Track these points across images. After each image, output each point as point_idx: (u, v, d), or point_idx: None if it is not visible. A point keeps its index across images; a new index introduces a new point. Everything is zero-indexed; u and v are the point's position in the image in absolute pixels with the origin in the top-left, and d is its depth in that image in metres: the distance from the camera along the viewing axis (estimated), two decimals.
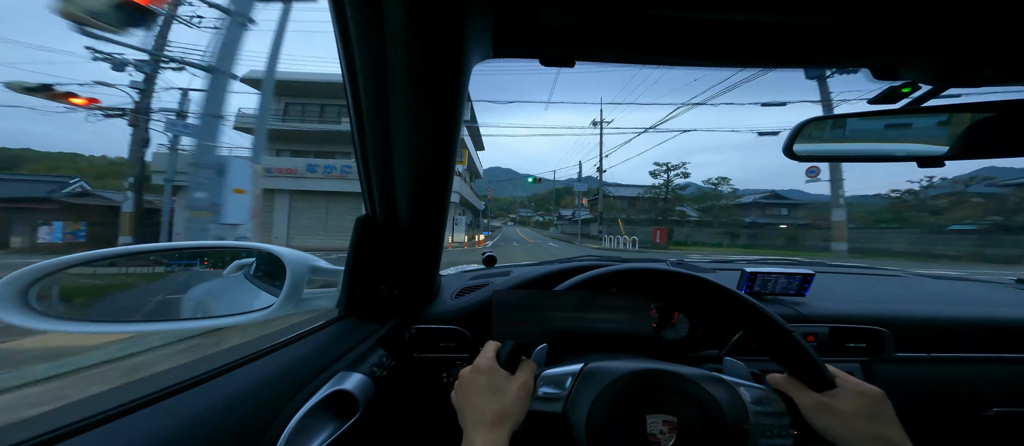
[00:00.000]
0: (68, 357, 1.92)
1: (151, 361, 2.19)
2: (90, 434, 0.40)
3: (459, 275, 1.17)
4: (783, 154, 0.66)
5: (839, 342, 0.91)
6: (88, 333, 0.61)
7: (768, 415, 0.51)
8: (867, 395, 0.47)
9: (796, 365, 0.52)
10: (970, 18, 0.41)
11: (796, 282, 1.00)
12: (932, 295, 1.14)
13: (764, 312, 0.54)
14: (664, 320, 0.98)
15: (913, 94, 0.54)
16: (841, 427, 0.45)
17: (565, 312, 0.52)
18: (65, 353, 1.94)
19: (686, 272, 0.60)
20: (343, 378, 0.61)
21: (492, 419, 0.47)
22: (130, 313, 0.78)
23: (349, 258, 0.76)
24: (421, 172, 0.64)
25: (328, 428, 0.57)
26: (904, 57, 0.50)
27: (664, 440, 0.49)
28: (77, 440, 0.39)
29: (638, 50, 0.50)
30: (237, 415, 0.47)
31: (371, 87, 0.51)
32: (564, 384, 0.53)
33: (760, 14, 0.41)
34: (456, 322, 0.91)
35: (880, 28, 0.45)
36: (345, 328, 0.76)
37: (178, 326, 0.73)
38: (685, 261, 1.29)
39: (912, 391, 0.88)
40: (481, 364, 0.52)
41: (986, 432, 0.87)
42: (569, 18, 0.42)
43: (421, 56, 0.46)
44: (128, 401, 0.44)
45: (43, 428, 0.38)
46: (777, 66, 0.53)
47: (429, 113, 0.54)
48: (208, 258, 0.97)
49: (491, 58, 0.53)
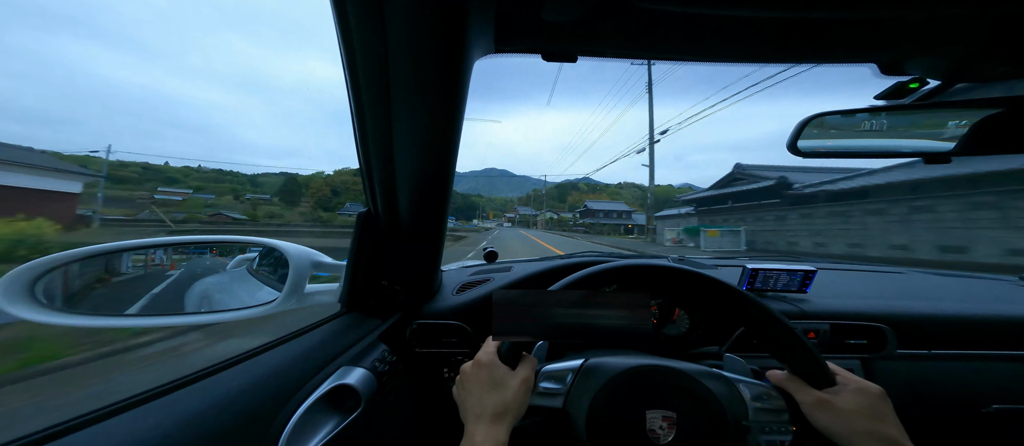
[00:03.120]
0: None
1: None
2: (94, 429, 0.40)
3: (460, 271, 1.18)
4: (787, 151, 0.66)
5: (840, 339, 0.91)
6: (92, 327, 0.61)
7: (767, 412, 0.51)
8: (867, 393, 0.47)
9: (797, 362, 0.52)
10: (980, 13, 0.40)
11: (798, 278, 1.00)
12: (934, 292, 1.14)
13: (765, 308, 0.54)
14: (665, 316, 0.98)
15: (920, 90, 0.53)
16: (841, 425, 0.45)
17: (566, 309, 0.52)
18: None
19: (687, 268, 0.60)
20: (345, 373, 0.62)
21: (493, 414, 0.47)
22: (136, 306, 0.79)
23: (351, 254, 0.76)
24: (423, 168, 0.64)
25: (331, 422, 0.57)
26: (912, 53, 0.49)
27: (663, 435, 0.49)
28: (80, 435, 0.39)
29: (641, 46, 0.50)
30: (241, 409, 0.48)
31: (372, 82, 0.51)
32: (565, 379, 0.54)
33: (765, 9, 0.40)
34: (457, 318, 0.91)
35: (888, 23, 0.44)
36: (347, 323, 0.77)
37: (182, 320, 0.74)
38: (686, 257, 1.29)
39: (913, 388, 0.88)
40: (482, 359, 0.53)
41: (986, 429, 0.87)
42: (571, 14, 0.42)
43: (423, 51, 0.45)
44: (131, 396, 0.45)
45: (46, 423, 0.39)
46: (782, 61, 0.53)
47: (431, 109, 0.54)
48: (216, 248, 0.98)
49: (493, 53, 0.52)
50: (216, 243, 0.98)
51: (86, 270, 0.71)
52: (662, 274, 0.61)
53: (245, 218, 54.32)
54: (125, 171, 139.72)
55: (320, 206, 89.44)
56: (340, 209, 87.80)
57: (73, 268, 0.66)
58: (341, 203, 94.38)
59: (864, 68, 0.54)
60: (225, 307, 0.79)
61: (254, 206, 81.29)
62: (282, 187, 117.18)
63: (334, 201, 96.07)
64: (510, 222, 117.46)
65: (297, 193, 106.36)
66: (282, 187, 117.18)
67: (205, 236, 1.19)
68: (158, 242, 0.82)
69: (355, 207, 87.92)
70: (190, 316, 0.80)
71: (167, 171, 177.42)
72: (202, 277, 0.87)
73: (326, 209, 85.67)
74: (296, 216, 68.54)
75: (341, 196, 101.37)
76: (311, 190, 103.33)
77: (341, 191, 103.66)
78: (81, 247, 0.63)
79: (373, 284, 0.81)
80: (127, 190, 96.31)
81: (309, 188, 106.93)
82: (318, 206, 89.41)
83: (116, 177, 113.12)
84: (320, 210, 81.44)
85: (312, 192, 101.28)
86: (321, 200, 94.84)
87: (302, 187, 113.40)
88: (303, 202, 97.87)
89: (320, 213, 73.02)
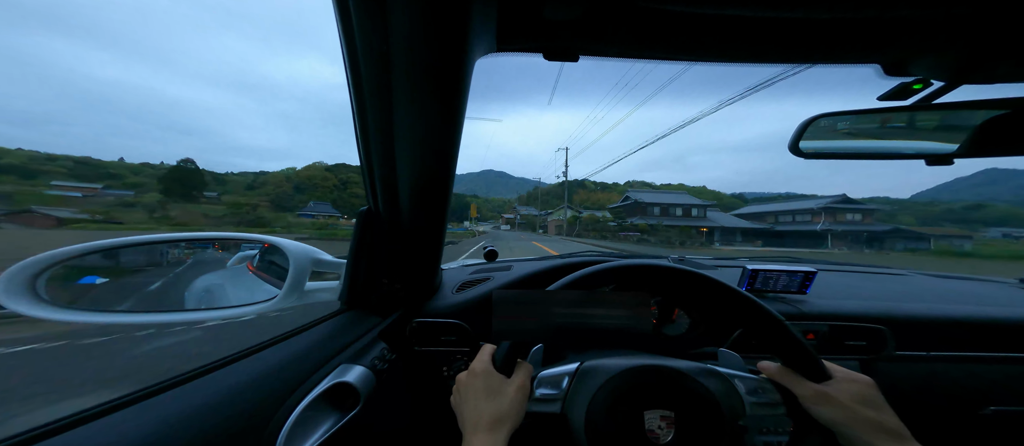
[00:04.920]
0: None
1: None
2: (91, 426, 0.40)
3: (460, 269, 1.18)
4: (789, 151, 0.65)
5: (839, 340, 0.91)
6: (94, 323, 0.61)
7: (764, 406, 0.51)
8: (858, 382, 0.49)
9: (793, 360, 0.52)
10: (986, 13, 0.40)
11: (798, 279, 0.99)
12: (933, 294, 1.13)
13: (762, 308, 0.54)
14: (664, 316, 0.98)
15: (925, 91, 0.53)
16: (845, 415, 0.46)
17: (566, 308, 0.52)
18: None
19: (686, 268, 0.60)
20: (345, 371, 0.62)
21: (489, 422, 0.47)
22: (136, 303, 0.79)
23: (351, 251, 0.76)
24: (424, 166, 0.64)
25: (330, 420, 0.57)
26: (917, 53, 0.49)
27: (662, 435, 0.49)
28: (77, 432, 0.39)
29: (644, 45, 0.49)
30: (239, 407, 0.48)
31: (374, 80, 0.51)
32: (561, 384, 0.54)
33: (768, 9, 0.40)
34: (457, 316, 0.91)
35: (893, 23, 0.44)
36: (347, 321, 0.77)
37: (183, 317, 0.74)
38: (686, 257, 1.29)
39: (911, 389, 0.88)
40: (477, 368, 0.53)
41: (984, 430, 0.87)
42: (573, 13, 0.41)
43: (424, 49, 0.45)
44: (130, 393, 0.45)
45: (42, 421, 0.39)
46: (786, 61, 0.52)
47: (432, 107, 0.54)
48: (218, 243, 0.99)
49: (494, 52, 0.52)
50: (218, 240, 0.98)
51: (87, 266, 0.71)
52: (661, 274, 0.61)
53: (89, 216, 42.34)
54: (10, 158, 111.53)
55: (277, 205, 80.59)
56: (301, 209, 78.29)
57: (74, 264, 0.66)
58: (304, 201, 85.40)
59: (867, 68, 0.54)
60: (225, 304, 0.80)
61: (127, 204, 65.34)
62: (169, 175, 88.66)
63: (295, 199, 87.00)
64: (509, 224, 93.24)
65: (194, 185, 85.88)
66: (169, 175, 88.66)
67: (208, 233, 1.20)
68: (160, 238, 0.82)
69: (320, 207, 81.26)
70: (190, 312, 0.80)
71: (111, 167, 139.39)
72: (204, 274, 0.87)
73: (283, 208, 76.45)
74: (197, 217, 56.56)
75: (305, 193, 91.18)
76: (270, 186, 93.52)
77: (305, 188, 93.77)
78: (82, 243, 0.63)
79: (373, 282, 0.81)
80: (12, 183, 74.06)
81: (268, 184, 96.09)
82: (276, 205, 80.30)
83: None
84: (275, 210, 71.85)
85: (272, 187, 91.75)
86: (278, 198, 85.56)
87: (260, 183, 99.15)
88: (258, 198, 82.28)
89: (262, 212, 60.80)
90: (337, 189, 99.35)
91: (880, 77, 0.53)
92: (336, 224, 53.74)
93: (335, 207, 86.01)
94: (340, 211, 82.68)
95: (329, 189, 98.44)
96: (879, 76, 0.53)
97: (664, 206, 42.02)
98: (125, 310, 0.73)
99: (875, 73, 0.53)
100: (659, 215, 41.18)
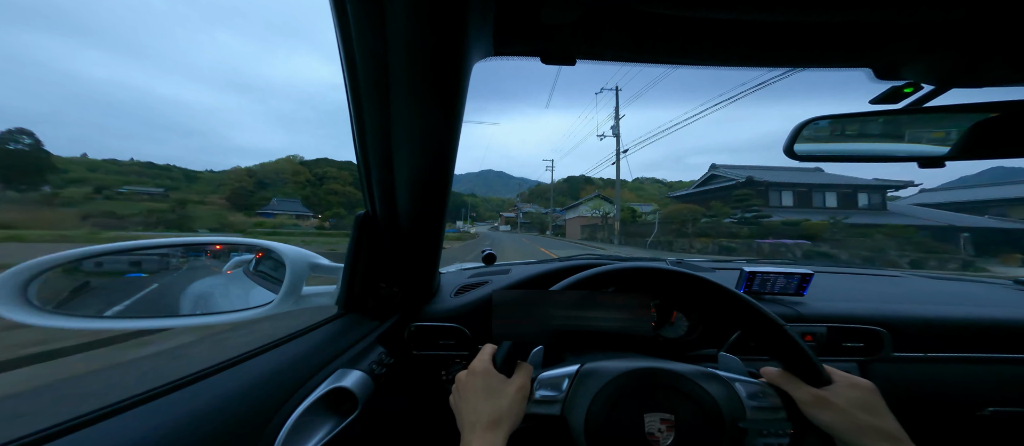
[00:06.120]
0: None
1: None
2: (88, 431, 0.40)
3: (459, 273, 1.18)
4: (784, 154, 0.66)
5: (837, 341, 0.92)
6: (87, 329, 0.61)
7: (764, 410, 0.51)
8: (859, 387, 0.48)
9: (793, 363, 0.52)
10: (975, 18, 0.40)
11: (795, 282, 1.00)
12: (930, 295, 1.14)
13: (760, 311, 0.55)
14: (663, 319, 0.98)
15: (915, 94, 0.54)
16: (844, 421, 0.46)
17: (565, 311, 0.52)
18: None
19: (684, 271, 0.60)
20: (342, 375, 0.62)
21: (488, 422, 0.47)
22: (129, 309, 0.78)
23: (349, 255, 0.76)
24: (421, 169, 0.64)
25: (327, 425, 0.57)
26: (908, 57, 0.50)
27: (662, 438, 0.49)
28: (75, 436, 0.39)
29: (640, 48, 0.50)
30: (235, 412, 0.48)
31: (371, 83, 0.51)
32: (561, 386, 0.54)
33: (762, 13, 0.41)
34: (455, 320, 0.91)
35: (884, 27, 0.45)
36: (344, 325, 0.76)
37: (178, 322, 0.73)
38: (684, 260, 1.29)
39: (909, 391, 0.89)
40: (477, 367, 0.53)
41: (981, 432, 0.87)
42: (570, 16, 0.42)
43: (422, 53, 0.45)
44: (125, 399, 0.44)
45: (39, 425, 0.38)
46: (779, 65, 0.53)
47: (430, 110, 0.54)
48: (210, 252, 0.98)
49: (492, 56, 0.52)
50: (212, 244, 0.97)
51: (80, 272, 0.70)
52: (659, 277, 0.61)
53: None
54: None
55: (234, 203, 67.40)
56: (263, 206, 65.98)
57: (67, 270, 0.65)
58: (266, 199, 71.39)
59: (859, 72, 0.54)
60: (222, 309, 0.79)
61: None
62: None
63: (256, 196, 72.41)
64: (509, 225, 78.90)
65: (36, 171, 62.51)
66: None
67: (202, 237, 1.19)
68: (152, 244, 0.81)
69: (286, 204, 70.24)
70: (186, 318, 0.79)
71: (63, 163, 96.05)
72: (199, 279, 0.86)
73: (240, 207, 64.70)
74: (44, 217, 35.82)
75: (268, 189, 77.02)
76: (231, 180, 77.48)
77: (270, 184, 79.69)
78: (74, 249, 0.63)
79: (371, 286, 0.81)
80: None
81: (228, 179, 79.02)
82: (232, 203, 67.56)
83: None
84: (233, 209, 61.42)
85: (231, 182, 76.60)
86: (235, 194, 71.19)
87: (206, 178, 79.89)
88: (212, 197, 68.70)
89: (193, 209, 49.80)
90: (310, 185, 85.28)
91: (872, 81, 0.54)
92: (296, 225, 46.61)
93: (306, 205, 75.25)
94: (313, 210, 73.06)
95: (300, 185, 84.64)
96: (871, 80, 0.54)
97: (803, 189, 21.49)
98: (119, 316, 0.72)
99: (867, 77, 0.54)
100: (793, 205, 21.16)
